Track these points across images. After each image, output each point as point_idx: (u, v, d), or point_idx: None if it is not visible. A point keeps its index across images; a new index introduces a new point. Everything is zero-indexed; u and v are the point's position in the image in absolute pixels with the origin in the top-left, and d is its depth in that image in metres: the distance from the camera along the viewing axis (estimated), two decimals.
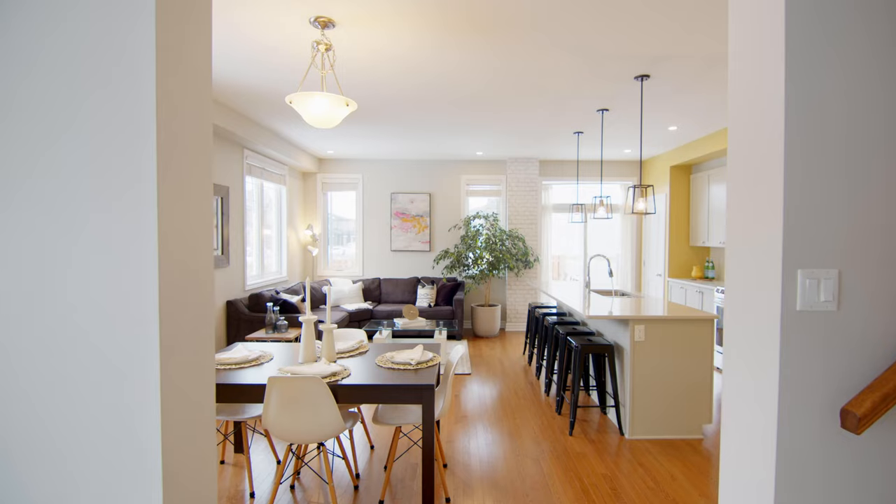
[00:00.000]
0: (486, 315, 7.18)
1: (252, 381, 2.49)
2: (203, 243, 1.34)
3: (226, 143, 5.27)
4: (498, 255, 7.11)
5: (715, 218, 6.27)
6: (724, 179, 6.02)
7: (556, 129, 5.74)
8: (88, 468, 1.09)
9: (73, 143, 1.06)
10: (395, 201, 7.90)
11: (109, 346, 1.07)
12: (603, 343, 3.74)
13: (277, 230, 7.05)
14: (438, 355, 2.96)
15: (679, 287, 6.59)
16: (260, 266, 6.36)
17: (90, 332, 1.07)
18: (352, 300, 7.13)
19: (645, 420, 3.60)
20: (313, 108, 2.76)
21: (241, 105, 4.75)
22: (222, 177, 5.19)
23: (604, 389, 4.04)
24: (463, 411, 4.16)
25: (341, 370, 2.61)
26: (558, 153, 7.34)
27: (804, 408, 1.30)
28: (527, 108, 4.78)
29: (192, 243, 1.25)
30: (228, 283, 5.33)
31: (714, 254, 6.76)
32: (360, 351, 3.11)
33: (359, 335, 3.46)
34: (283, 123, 5.52)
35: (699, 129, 5.67)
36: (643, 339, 3.57)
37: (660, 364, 3.59)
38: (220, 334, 5.16)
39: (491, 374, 5.32)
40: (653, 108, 4.74)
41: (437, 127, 5.66)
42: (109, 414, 1.08)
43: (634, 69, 3.67)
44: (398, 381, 2.46)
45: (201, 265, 1.31)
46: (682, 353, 3.58)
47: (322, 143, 6.69)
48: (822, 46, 1.28)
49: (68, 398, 1.07)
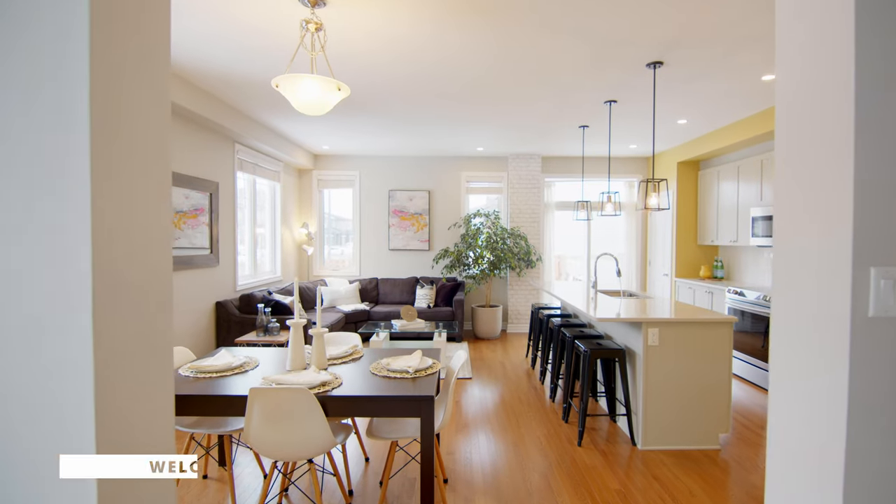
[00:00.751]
0: (487, 316, 6.95)
1: (233, 391, 2.26)
2: (156, 239, 1.11)
3: (215, 136, 5.04)
4: (499, 254, 6.88)
5: (725, 215, 6.05)
6: (735, 176, 5.80)
7: (559, 123, 5.52)
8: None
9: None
10: (393, 199, 7.67)
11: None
12: (613, 347, 3.51)
13: (271, 228, 6.82)
14: (438, 362, 2.73)
15: (687, 287, 6.37)
16: (252, 265, 6.13)
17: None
18: (348, 301, 6.90)
19: (658, 429, 3.37)
20: (302, 92, 2.53)
21: (231, 97, 4.52)
22: (211, 172, 4.95)
23: (613, 396, 3.82)
24: (464, 419, 3.93)
25: (332, 379, 2.38)
26: (561, 149, 7.12)
27: (876, 431, 1.08)
28: (529, 100, 4.56)
29: (136, 238, 1.03)
30: (218, 284, 5.10)
31: (723, 253, 6.54)
32: (354, 357, 2.88)
33: (353, 339, 3.23)
34: (276, 117, 5.29)
35: (709, 123, 5.44)
36: (657, 344, 3.35)
37: (674, 370, 3.36)
38: (209, 337, 4.93)
39: (493, 378, 5.10)
40: (663, 99, 4.52)
41: (436, 120, 5.43)
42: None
43: (646, 55, 3.45)
44: (394, 392, 2.24)
45: (151, 266, 1.08)
46: (698, 357, 3.36)
47: (317, 139, 6.46)
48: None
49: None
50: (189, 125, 4.54)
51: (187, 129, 4.51)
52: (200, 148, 4.74)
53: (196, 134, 4.66)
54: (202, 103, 4.30)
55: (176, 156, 4.31)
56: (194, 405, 2.22)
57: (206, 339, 4.86)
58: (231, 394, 2.22)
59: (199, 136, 4.70)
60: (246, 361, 2.72)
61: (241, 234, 5.87)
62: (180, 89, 3.96)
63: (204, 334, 4.81)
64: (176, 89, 3.90)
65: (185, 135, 4.49)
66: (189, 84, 4.09)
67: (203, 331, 4.80)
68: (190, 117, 4.43)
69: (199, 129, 4.70)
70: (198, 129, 4.69)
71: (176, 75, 3.89)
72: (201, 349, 4.76)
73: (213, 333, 4.99)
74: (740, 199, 5.73)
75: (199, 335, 4.71)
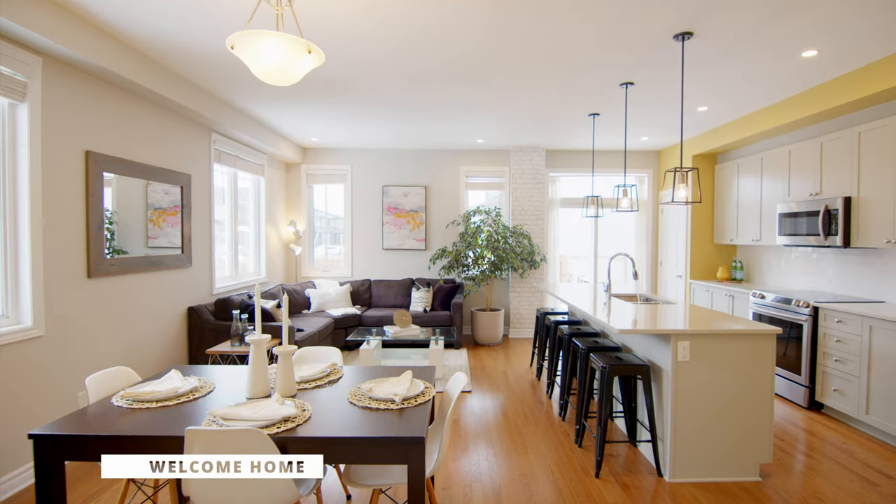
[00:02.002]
0: (487, 320, 6.48)
1: (170, 429, 1.77)
2: None
3: (187, 123, 4.55)
4: (501, 254, 6.40)
5: (746, 212, 5.57)
6: (758, 169, 5.32)
7: (567, 111, 5.03)
8: None
9: None
10: (387, 195, 7.18)
11: None
12: (636, 363, 3.03)
13: (255, 226, 6.33)
14: (432, 386, 2.25)
15: (704, 290, 5.90)
16: (233, 267, 5.64)
17: None
18: (338, 304, 6.42)
19: (689, 458, 2.90)
20: (264, 55, 2.05)
21: (204, 79, 4.03)
22: (182, 163, 4.46)
23: (634, 417, 3.34)
24: (463, 440, 3.45)
25: (298, 413, 1.90)
26: (567, 141, 6.64)
27: None
28: (533, 82, 4.07)
29: None
30: (191, 287, 4.61)
31: (742, 253, 6.07)
32: (331, 378, 2.40)
33: (331, 356, 2.75)
34: (255, 102, 4.80)
35: (732, 110, 4.96)
36: (688, 359, 2.87)
37: (708, 389, 2.89)
38: (180, 347, 4.44)
39: (495, 390, 4.62)
40: (686, 82, 4.04)
41: (430, 106, 4.94)
42: None
43: (676, 23, 2.97)
44: (375, 430, 1.75)
45: None
46: (735, 375, 2.89)
47: (303, 129, 5.97)
48: None
49: None
50: (153, 109, 4.05)
51: (150, 112, 4.02)
52: (168, 135, 4.24)
53: (162, 119, 4.16)
54: (167, 83, 3.81)
55: (134, 142, 3.82)
56: (120, 447, 1.74)
57: (176, 350, 4.37)
58: (165, 434, 1.74)
59: (165, 121, 4.21)
60: (197, 386, 2.23)
61: (219, 233, 5.38)
62: (138, 65, 3.47)
63: (173, 344, 4.32)
64: (133, 65, 3.41)
65: (148, 119, 3.99)
66: (149, 60, 3.60)
67: (172, 340, 4.31)
68: (152, 98, 3.94)
69: (165, 114, 4.21)
70: (164, 113, 4.19)
71: (133, 49, 3.40)
72: (169, 361, 4.27)
73: (184, 343, 4.50)
74: (764, 194, 5.25)
75: (167, 345, 4.22)
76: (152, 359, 4.02)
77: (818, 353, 4.05)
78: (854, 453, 3.31)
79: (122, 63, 3.28)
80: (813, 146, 4.52)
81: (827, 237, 4.24)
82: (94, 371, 3.35)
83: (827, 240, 4.25)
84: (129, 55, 3.36)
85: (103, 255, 3.45)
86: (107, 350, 3.51)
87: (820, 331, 4.03)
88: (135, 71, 3.41)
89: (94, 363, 3.37)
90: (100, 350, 3.44)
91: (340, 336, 5.99)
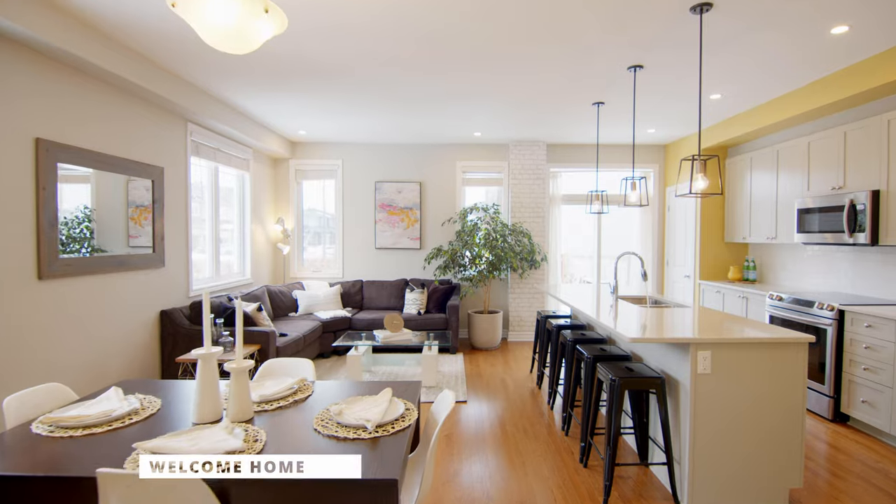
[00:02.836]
0: (485, 323, 6.14)
1: (83, 468, 1.44)
2: None
3: (159, 112, 4.21)
4: (499, 253, 6.06)
5: (759, 209, 5.24)
6: (773, 162, 4.98)
7: (569, 99, 4.69)
8: None
9: None
10: (380, 191, 6.84)
11: None
12: (649, 375, 2.70)
13: (239, 224, 5.99)
14: (414, 407, 1.92)
15: (714, 291, 5.56)
16: (214, 267, 5.31)
17: None
18: (327, 307, 6.08)
19: (710, 483, 2.56)
20: (211, 14, 1.71)
21: (171, 61, 3.69)
22: (153, 155, 4.12)
23: (646, 433, 3.01)
24: (455, 459, 3.11)
25: (247, 445, 1.57)
26: (569, 135, 6.30)
27: None
28: (535, 66, 3.74)
29: None
30: (165, 288, 4.27)
31: (754, 251, 5.73)
32: (297, 398, 2.06)
33: (302, 369, 2.41)
34: (236, 92, 4.47)
35: (747, 98, 4.63)
36: (709, 371, 2.53)
37: (731, 405, 2.55)
38: (151, 354, 4.10)
39: (492, 399, 4.28)
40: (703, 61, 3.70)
41: (423, 94, 4.60)
42: None
43: None
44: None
45: None
46: (762, 389, 2.55)
47: (290, 121, 5.63)
48: None
49: None
50: (118, 94, 3.72)
51: (115, 98, 3.69)
52: (137, 124, 3.91)
53: (130, 107, 3.83)
54: (128, 64, 3.47)
55: (96, 130, 3.48)
56: (15, 491, 1.40)
57: (146, 358, 4.03)
58: (76, 474, 1.40)
59: (133, 109, 3.88)
60: (137, 408, 1.89)
61: (199, 231, 5.05)
62: (91, 43, 3.13)
63: (142, 351, 3.98)
64: (85, 42, 3.07)
65: (113, 106, 3.66)
66: (103, 36, 3.26)
67: (141, 347, 3.97)
68: (115, 83, 3.61)
69: (133, 101, 3.88)
70: (132, 100, 3.86)
71: (85, 24, 3.06)
72: (138, 371, 3.93)
73: (156, 350, 4.16)
74: (780, 189, 4.91)
75: (135, 353, 3.89)
76: (117, 369, 3.69)
77: (844, 361, 3.71)
78: (889, 473, 2.97)
79: (70, 39, 2.94)
80: (835, 136, 4.18)
81: (852, 234, 3.91)
82: (41, 384, 3.01)
83: (851, 237, 3.91)
84: (82, 31, 3.03)
85: (57, 255, 3.11)
86: (60, 360, 3.17)
87: (846, 336, 3.69)
88: (88, 49, 3.08)
89: (42, 375, 3.03)
90: (51, 360, 3.10)
91: (329, 340, 5.66)
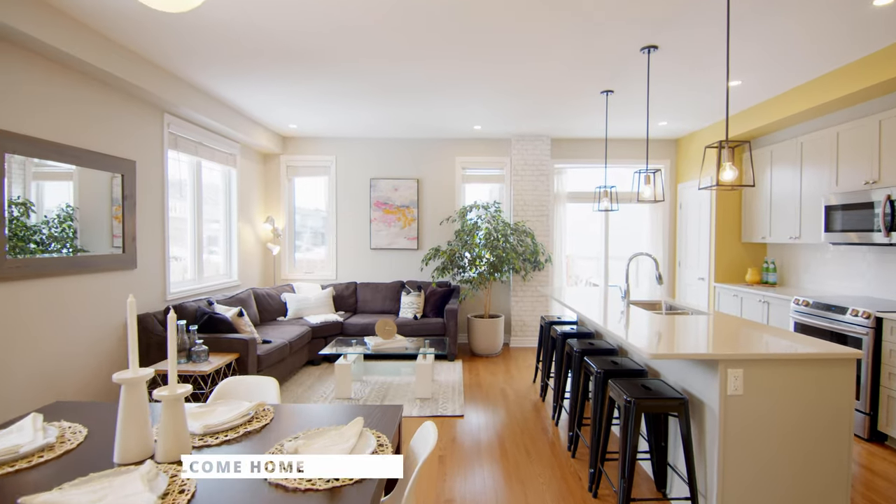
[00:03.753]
0: (485, 328, 5.79)
1: None
2: None
3: (130, 101, 3.89)
4: (500, 253, 5.71)
5: (781, 206, 4.86)
6: (797, 156, 4.60)
7: (576, 87, 4.34)
8: None
9: None
10: (375, 189, 6.51)
11: None
12: (669, 396, 2.34)
13: (226, 223, 5.67)
14: (388, 443, 1.57)
15: (731, 295, 5.18)
16: (196, 268, 4.98)
17: None
18: (318, 310, 5.74)
19: None
20: None
21: (146, 45, 3.37)
22: (124, 147, 3.80)
23: (663, 459, 2.65)
24: (448, 486, 2.76)
25: (170, 499, 1.22)
26: (575, 128, 5.94)
27: None
28: (539, 50, 3.39)
29: None
30: (136, 292, 3.95)
31: (774, 252, 5.35)
32: (252, 428, 1.72)
33: (265, 390, 2.07)
34: (216, 80, 4.14)
35: (768, 86, 4.26)
36: (740, 392, 2.18)
37: (767, 432, 2.19)
38: (120, 364, 3.77)
39: (492, 413, 3.93)
40: (722, 48, 3.34)
41: (417, 82, 4.26)
42: None
43: None
44: None
45: None
46: (803, 413, 2.19)
47: (279, 114, 5.30)
48: None
49: None
50: (82, 80, 3.39)
51: (77, 85, 3.36)
52: (103, 113, 3.58)
53: (95, 94, 3.51)
54: (94, 49, 3.15)
55: (53, 118, 3.16)
56: None
57: (113, 369, 3.70)
58: None
59: (99, 97, 3.55)
60: (50, 443, 1.55)
61: (180, 229, 4.72)
62: (50, 23, 2.81)
63: (109, 362, 3.65)
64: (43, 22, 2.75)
65: (74, 93, 3.33)
66: (65, 16, 2.93)
67: (107, 357, 3.64)
68: (77, 67, 3.28)
69: (100, 88, 3.55)
70: (98, 87, 3.54)
71: (58, 10, 2.74)
72: (102, 384, 3.59)
73: (125, 359, 3.84)
74: (804, 184, 4.54)
75: (99, 365, 3.55)
76: (78, 382, 3.36)
77: (882, 374, 3.34)
78: None
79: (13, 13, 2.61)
80: (868, 125, 3.81)
81: (889, 233, 3.53)
82: None
83: (889, 236, 3.54)
84: (28, 4, 2.70)
85: (3, 256, 2.79)
86: (5, 374, 2.85)
87: (885, 347, 3.32)
88: (37, 26, 2.75)
89: None
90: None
91: (319, 346, 5.32)
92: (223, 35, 3.24)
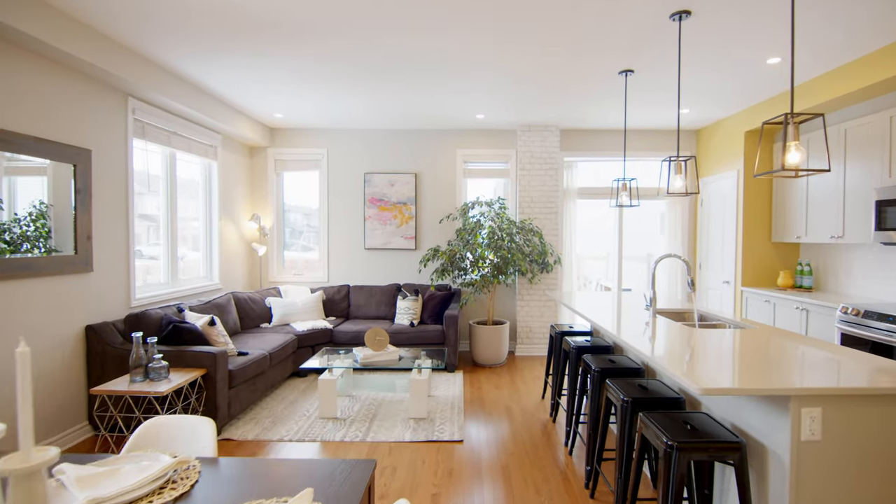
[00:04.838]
0: (489, 336, 5.30)
1: None
2: None
3: (84, 80, 3.42)
4: (505, 254, 5.22)
5: (819, 201, 4.34)
6: (840, 144, 4.07)
7: (591, 68, 3.84)
8: None
9: None
10: (369, 184, 6.03)
11: None
12: (721, 439, 1.84)
13: (206, 222, 5.20)
14: None
15: (762, 301, 4.67)
16: (170, 271, 4.52)
17: None
18: (306, 316, 5.27)
19: None
20: None
21: (98, 16, 2.90)
22: (76, 134, 3.33)
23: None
24: None
25: None
26: (587, 117, 5.44)
27: None
28: (554, 14, 2.90)
29: None
30: (92, 298, 3.48)
31: (810, 253, 4.83)
32: (162, 501, 1.23)
33: (197, 435, 1.59)
34: (184, 58, 3.67)
35: (812, 65, 3.74)
36: (818, 438, 1.68)
37: (851, 486, 1.69)
38: (74, 381, 3.30)
39: (495, 437, 3.44)
40: (758, 18, 2.84)
41: (413, 59, 3.78)
42: None
43: None
44: None
45: None
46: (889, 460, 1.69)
47: (263, 101, 4.83)
48: None
49: None
50: (22, 55, 2.92)
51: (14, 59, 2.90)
52: (49, 93, 3.12)
53: (38, 73, 3.04)
54: (44, 24, 2.68)
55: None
56: None
57: (65, 388, 3.23)
58: None
59: (43, 76, 3.08)
60: None
61: (149, 227, 4.26)
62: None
63: (58, 380, 3.18)
64: None
65: (14, 70, 2.87)
66: None
67: (57, 374, 3.17)
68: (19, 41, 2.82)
69: (44, 65, 3.09)
70: (42, 63, 3.07)
71: None
72: (50, 406, 3.12)
73: (80, 376, 3.37)
74: (848, 177, 4.02)
75: (45, 384, 3.08)
76: (8, 407, 2.89)
77: None
78: None
79: None
80: None
81: None
82: None
83: None
84: None
85: None
86: None
87: None
88: None
89: None
90: None
91: (305, 356, 4.85)
92: (189, 4, 2.76)
